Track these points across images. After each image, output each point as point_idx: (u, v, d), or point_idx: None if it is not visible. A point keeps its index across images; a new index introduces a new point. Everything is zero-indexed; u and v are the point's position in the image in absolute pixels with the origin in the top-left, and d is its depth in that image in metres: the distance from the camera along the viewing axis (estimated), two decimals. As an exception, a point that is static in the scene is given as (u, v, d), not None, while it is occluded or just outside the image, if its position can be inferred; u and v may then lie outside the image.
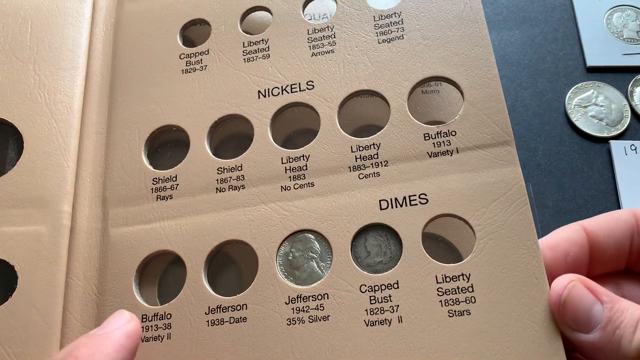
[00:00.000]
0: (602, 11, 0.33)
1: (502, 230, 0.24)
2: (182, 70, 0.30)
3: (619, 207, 0.29)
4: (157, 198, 0.28)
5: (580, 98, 0.31)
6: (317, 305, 0.24)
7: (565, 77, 0.32)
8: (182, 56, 0.31)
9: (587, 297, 0.22)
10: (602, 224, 0.25)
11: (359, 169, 0.26)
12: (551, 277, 0.23)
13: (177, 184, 0.28)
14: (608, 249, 0.25)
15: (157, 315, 0.26)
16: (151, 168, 0.29)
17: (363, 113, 0.31)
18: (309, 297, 0.24)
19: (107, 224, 0.28)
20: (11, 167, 0.29)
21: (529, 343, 0.22)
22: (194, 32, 0.33)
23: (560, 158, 0.31)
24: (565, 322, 0.22)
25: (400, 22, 0.29)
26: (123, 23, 0.32)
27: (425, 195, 0.25)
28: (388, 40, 0.28)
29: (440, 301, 0.23)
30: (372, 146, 0.27)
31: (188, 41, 0.32)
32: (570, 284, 0.22)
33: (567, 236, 0.25)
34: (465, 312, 0.23)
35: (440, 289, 0.23)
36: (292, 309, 0.24)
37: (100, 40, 0.32)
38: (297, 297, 0.25)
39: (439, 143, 0.26)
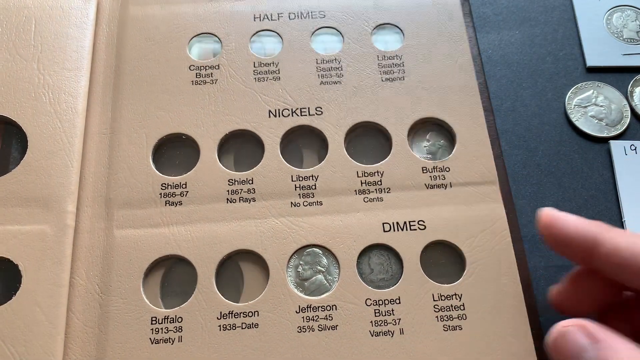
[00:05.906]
0: (602, 11, 0.33)
1: (489, 258, 0.28)
2: (192, 81, 0.31)
3: (618, 207, 0.30)
4: (166, 203, 0.29)
5: (580, 98, 0.31)
6: (326, 316, 0.26)
7: (565, 77, 0.32)
8: (191, 67, 0.32)
9: (577, 341, 0.22)
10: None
11: (364, 192, 0.29)
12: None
13: (187, 191, 0.29)
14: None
15: (167, 318, 0.26)
16: (159, 173, 0.29)
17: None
18: (318, 307, 0.27)
19: (111, 225, 0.28)
20: (15, 166, 0.28)
21: (509, 356, 0.26)
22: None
23: (560, 158, 0.31)
24: None
25: (401, 65, 0.32)
26: (127, 26, 0.33)
27: (424, 222, 0.28)
28: (390, 79, 0.32)
29: (437, 317, 0.26)
30: (376, 173, 0.29)
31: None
32: (562, 329, 0.22)
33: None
34: (457, 327, 0.26)
35: (436, 306, 0.27)
36: (302, 317, 0.26)
37: (104, 41, 0.32)
38: (307, 307, 0.27)
39: (435, 177, 0.29)
